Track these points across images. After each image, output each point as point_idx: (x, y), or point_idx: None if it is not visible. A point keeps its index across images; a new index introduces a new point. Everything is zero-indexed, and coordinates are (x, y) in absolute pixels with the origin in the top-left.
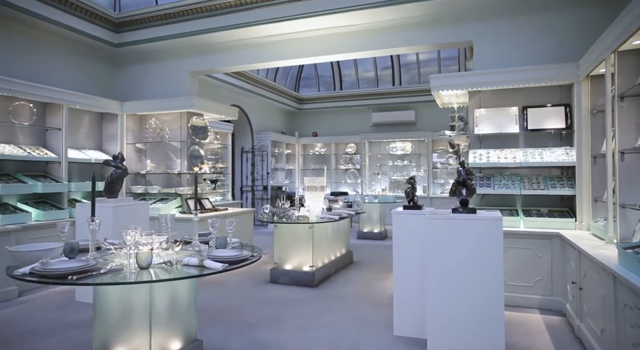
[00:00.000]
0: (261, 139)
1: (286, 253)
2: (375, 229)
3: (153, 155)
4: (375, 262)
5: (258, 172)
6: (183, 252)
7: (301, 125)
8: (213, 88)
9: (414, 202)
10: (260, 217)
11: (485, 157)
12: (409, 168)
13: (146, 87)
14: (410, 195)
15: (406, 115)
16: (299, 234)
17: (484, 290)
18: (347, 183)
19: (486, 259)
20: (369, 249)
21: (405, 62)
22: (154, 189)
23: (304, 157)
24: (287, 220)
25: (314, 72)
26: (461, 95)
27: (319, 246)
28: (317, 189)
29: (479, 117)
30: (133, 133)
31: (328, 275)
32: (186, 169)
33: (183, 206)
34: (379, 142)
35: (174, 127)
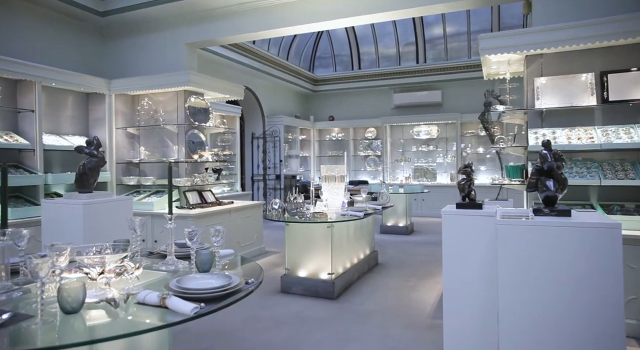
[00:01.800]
0: (273, 124)
1: (300, 257)
2: (401, 222)
3: (147, 142)
4: (404, 264)
5: (270, 159)
6: (150, 274)
7: (316, 109)
8: (219, 67)
9: (471, 198)
10: (269, 215)
11: (551, 137)
12: (435, 154)
13: (138, 64)
14: (466, 189)
15: (432, 95)
16: (315, 235)
17: (592, 324)
18: (366, 171)
19: (596, 282)
20: (395, 246)
21: (430, 36)
22: (148, 180)
23: (319, 143)
24: (301, 219)
25: (330, 50)
26: (515, 62)
27: (339, 248)
28: (336, 179)
29: (540, 88)
30: (124, 116)
31: (350, 282)
32: (184, 157)
33: (181, 200)
34: (402, 126)
35: (170, 109)
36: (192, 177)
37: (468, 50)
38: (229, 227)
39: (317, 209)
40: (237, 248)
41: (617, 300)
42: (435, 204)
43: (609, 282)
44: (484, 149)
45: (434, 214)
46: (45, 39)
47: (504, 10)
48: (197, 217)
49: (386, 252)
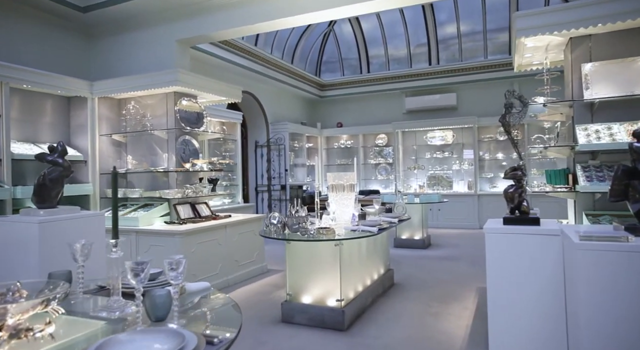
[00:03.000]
0: (278, 131)
1: (303, 280)
2: (417, 235)
3: (135, 150)
4: (424, 285)
5: (275, 169)
6: (80, 325)
7: (323, 115)
8: (219, 71)
9: (523, 210)
10: (266, 231)
11: (606, 134)
12: (450, 161)
13: (125, 65)
14: (516, 199)
15: (446, 99)
16: (320, 254)
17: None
18: (377, 180)
19: None
20: (411, 262)
21: (443, 36)
22: (135, 192)
23: (327, 151)
24: (304, 236)
25: (337, 53)
26: (554, 48)
27: (350, 269)
28: (345, 188)
29: (589, 76)
30: (108, 122)
31: (362, 309)
32: (175, 166)
33: (171, 214)
34: (414, 132)
35: (159, 113)
36: (183, 188)
37: (484, 49)
38: (224, 244)
39: (324, 223)
40: (235, 268)
41: None
42: (452, 215)
43: None
44: (503, 154)
45: (451, 225)
46: (24, 39)
47: (523, 5)
48: (185, 234)
49: (402, 269)
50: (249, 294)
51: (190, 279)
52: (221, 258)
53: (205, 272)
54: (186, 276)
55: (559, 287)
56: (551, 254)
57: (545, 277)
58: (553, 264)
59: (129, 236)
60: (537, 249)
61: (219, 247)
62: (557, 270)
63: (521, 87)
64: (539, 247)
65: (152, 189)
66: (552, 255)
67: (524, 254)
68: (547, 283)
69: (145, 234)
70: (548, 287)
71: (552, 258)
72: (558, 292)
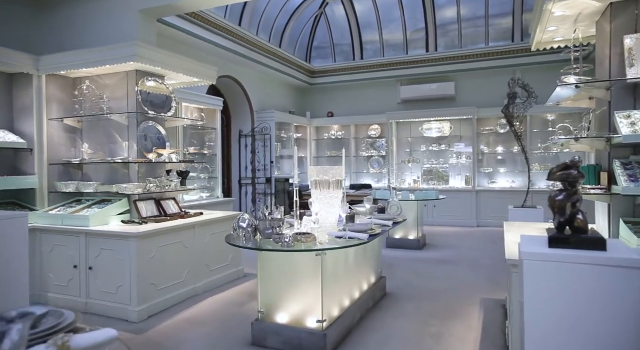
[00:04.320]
0: (263, 120)
1: (278, 296)
2: (411, 234)
3: (92, 137)
4: (420, 295)
5: (260, 160)
6: None
7: (314, 104)
8: (196, 52)
9: (579, 225)
10: (232, 237)
11: None
12: (447, 154)
13: (79, 40)
14: (568, 210)
15: (444, 88)
16: (299, 265)
17: None
18: (370, 173)
19: None
20: (405, 266)
21: (442, 21)
22: (89, 186)
23: (317, 142)
24: (278, 244)
25: (329, 38)
26: (586, 19)
27: (335, 281)
28: (330, 184)
29: (635, 51)
30: (60, 104)
31: (349, 329)
32: (136, 156)
33: (132, 212)
34: (410, 123)
35: (118, 95)
36: (146, 182)
37: (486, 36)
38: (192, 247)
39: (304, 227)
40: (206, 274)
41: None
42: (448, 212)
43: None
44: (503, 148)
45: (448, 223)
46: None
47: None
48: (143, 237)
49: (395, 275)
50: (219, 305)
51: (148, 291)
52: (188, 263)
53: (168, 280)
54: (143, 287)
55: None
56: (629, 294)
57: (617, 326)
58: (631, 309)
59: (78, 239)
60: (606, 286)
61: (185, 251)
62: (638, 317)
63: (524, 76)
64: (609, 283)
65: (112, 183)
66: (630, 296)
67: (586, 292)
68: (622, 336)
69: (97, 236)
70: (625, 344)
71: (629, 300)
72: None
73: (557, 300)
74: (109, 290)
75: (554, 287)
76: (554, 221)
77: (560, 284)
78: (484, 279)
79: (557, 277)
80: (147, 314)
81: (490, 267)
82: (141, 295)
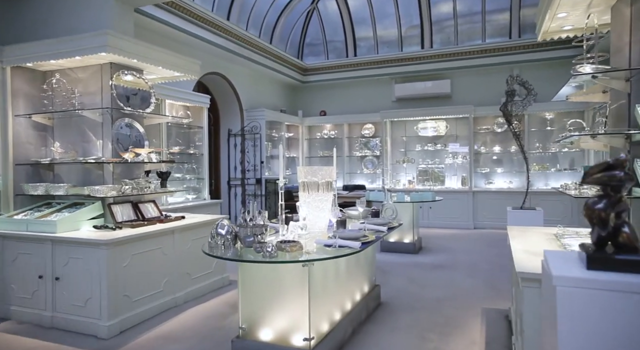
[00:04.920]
0: (253, 119)
1: (261, 310)
2: (406, 237)
3: (64, 135)
4: (416, 305)
5: (249, 160)
6: None
7: (305, 102)
8: (183, 48)
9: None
10: (210, 245)
11: None
12: (443, 154)
13: (52, 29)
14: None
15: (439, 86)
16: (284, 276)
17: None
18: (363, 174)
19: None
20: (400, 272)
21: (437, 17)
22: (59, 188)
23: (309, 141)
24: (259, 253)
25: (321, 35)
26: (601, 3)
27: (324, 293)
28: (319, 186)
29: None
30: (27, 99)
31: (340, 345)
32: (111, 156)
33: (106, 216)
34: (404, 122)
35: (92, 90)
36: (121, 183)
37: (482, 32)
38: (172, 254)
39: (291, 233)
40: (187, 282)
41: None
42: (444, 213)
43: None
44: (500, 148)
45: (443, 225)
46: None
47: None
48: (115, 244)
49: (390, 282)
50: (199, 318)
51: (120, 303)
52: (167, 271)
53: (144, 291)
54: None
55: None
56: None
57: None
58: None
59: (43, 246)
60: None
61: (164, 258)
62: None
63: (522, 73)
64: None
65: (85, 185)
66: None
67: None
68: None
69: (64, 243)
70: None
71: None
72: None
73: (601, 336)
74: (76, 303)
75: (597, 320)
76: (592, 234)
77: (604, 316)
78: (484, 285)
79: (601, 307)
80: (118, 329)
81: (489, 272)
82: (112, 308)
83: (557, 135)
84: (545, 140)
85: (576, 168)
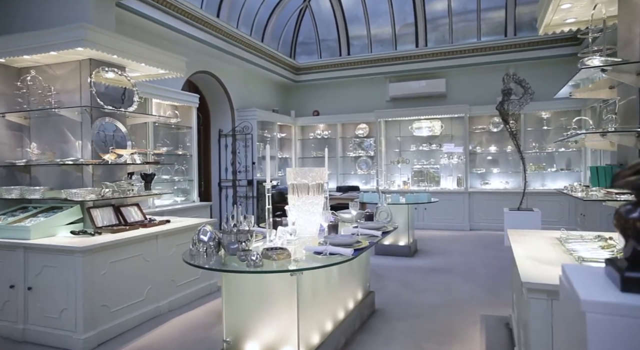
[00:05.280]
0: (244, 119)
1: (247, 321)
2: (401, 240)
3: (41, 135)
4: (413, 312)
5: (240, 161)
6: None
7: (298, 102)
8: (172, 46)
9: None
10: (192, 253)
11: None
12: (438, 154)
13: (29, 23)
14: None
15: (434, 85)
16: (271, 286)
17: None
18: (357, 175)
19: None
20: (395, 277)
21: (432, 15)
22: (35, 192)
23: (302, 142)
24: (243, 262)
25: (314, 33)
26: None
27: (314, 303)
28: (310, 189)
29: None
30: (1, 97)
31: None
32: (90, 157)
33: (85, 221)
34: (399, 121)
35: (70, 87)
36: (101, 186)
37: (477, 30)
38: (155, 260)
39: (279, 239)
40: (171, 290)
41: None
42: (439, 214)
43: None
44: (496, 148)
45: (439, 226)
46: None
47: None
48: (93, 251)
49: (385, 287)
50: (184, 329)
51: (98, 314)
52: (150, 279)
53: (124, 300)
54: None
55: None
56: None
57: None
58: None
59: (15, 254)
60: None
61: (146, 265)
62: None
63: (518, 72)
64: None
65: (63, 187)
66: None
67: None
68: None
69: (37, 251)
70: None
71: None
72: None
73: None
74: (50, 315)
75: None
76: (626, 248)
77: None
78: (482, 290)
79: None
80: (96, 342)
81: (487, 276)
82: (89, 319)
83: (554, 134)
84: (542, 140)
85: (572, 168)
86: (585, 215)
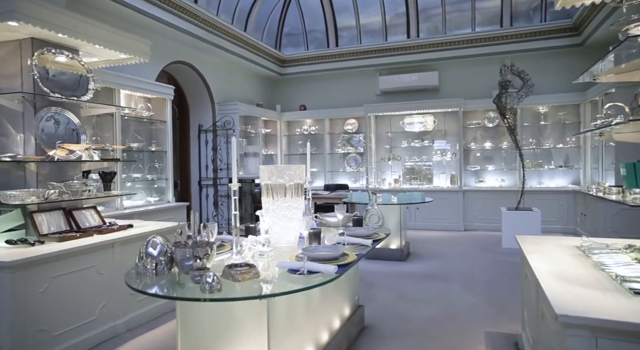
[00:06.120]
0: (226, 113)
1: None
2: (393, 243)
3: None
4: (406, 328)
5: (222, 158)
6: None
7: (284, 96)
8: (146, 34)
9: None
10: (137, 274)
11: None
12: (430, 150)
13: None
14: None
15: (426, 78)
16: (236, 311)
17: None
18: (346, 172)
19: None
20: (386, 284)
21: (424, 5)
22: None
23: (288, 138)
24: (199, 284)
25: (301, 24)
26: None
27: (289, 328)
28: (287, 190)
29: None
30: None
31: None
32: (34, 153)
33: (27, 228)
34: (389, 116)
35: (9, 72)
36: (47, 187)
37: (472, 20)
38: (110, 273)
39: (249, 250)
40: (131, 306)
41: None
42: (432, 214)
43: None
44: (492, 144)
45: (432, 226)
46: None
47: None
48: (26, 265)
49: (375, 298)
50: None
51: (34, 340)
52: (104, 294)
53: (70, 321)
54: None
55: None
56: None
57: None
58: None
59: None
60: None
61: (99, 278)
62: None
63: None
64: None
65: (3, 189)
66: None
67: None
68: None
69: None
70: None
71: None
72: None
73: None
74: None
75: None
76: None
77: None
78: (484, 301)
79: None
80: None
81: (488, 284)
82: (20, 348)
83: (551, 130)
84: (539, 136)
85: (571, 165)
86: (586, 214)
